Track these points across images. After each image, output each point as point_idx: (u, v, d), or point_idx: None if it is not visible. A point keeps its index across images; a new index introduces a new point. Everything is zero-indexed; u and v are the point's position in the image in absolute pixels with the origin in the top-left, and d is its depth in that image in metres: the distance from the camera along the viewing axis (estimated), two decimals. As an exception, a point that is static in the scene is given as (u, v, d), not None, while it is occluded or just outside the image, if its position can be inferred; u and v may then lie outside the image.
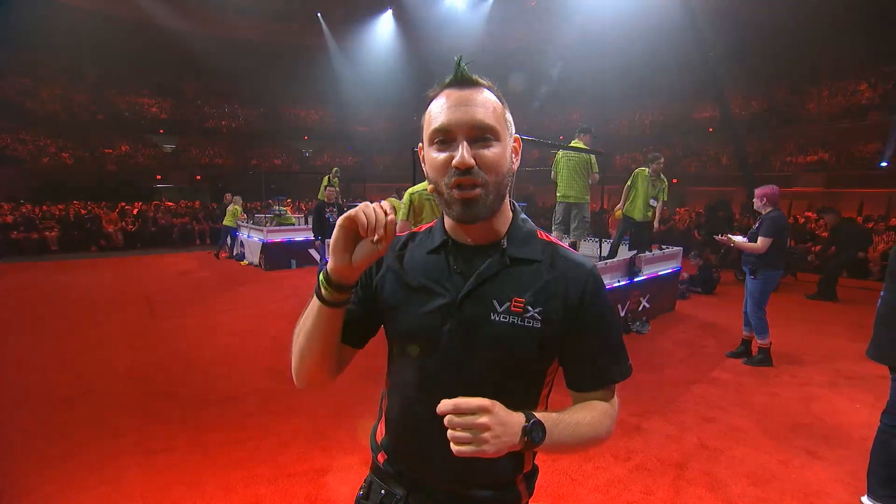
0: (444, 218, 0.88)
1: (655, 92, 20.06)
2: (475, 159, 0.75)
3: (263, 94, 23.41)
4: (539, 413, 0.76)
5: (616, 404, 0.88)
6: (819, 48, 16.33)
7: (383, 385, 0.97)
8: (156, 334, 4.97)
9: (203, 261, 10.15)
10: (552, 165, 5.37)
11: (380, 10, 21.66)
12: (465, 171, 0.75)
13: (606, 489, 2.42)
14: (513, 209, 0.88)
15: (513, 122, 0.84)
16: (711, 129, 18.38)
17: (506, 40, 21.45)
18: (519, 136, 0.87)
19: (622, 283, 5.11)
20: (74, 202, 14.27)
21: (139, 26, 18.95)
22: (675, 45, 14.99)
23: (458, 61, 0.78)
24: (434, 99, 0.80)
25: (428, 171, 0.81)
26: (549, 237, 0.89)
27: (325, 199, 6.41)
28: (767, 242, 3.94)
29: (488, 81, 0.80)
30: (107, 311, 5.89)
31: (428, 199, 3.29)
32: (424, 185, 3.36)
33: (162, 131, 21.65)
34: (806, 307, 6.55)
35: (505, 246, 0.84)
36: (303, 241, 9.14)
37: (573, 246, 5.08)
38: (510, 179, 0.82)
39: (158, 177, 20.34)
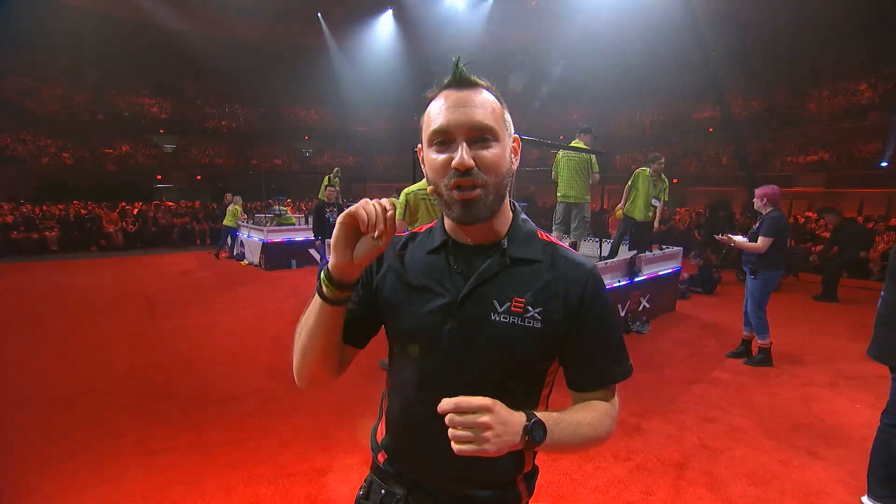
0: (445, 218, 0.87)
1: (655, 92, 20.07)
2: (474, 160, 0.75)
3: (263, 94, 23.41)
4: (540, 412, 0.76)
5: (616, 404, 0.88)
6: (819, 49, 16.33)
7: (383, 385, 0.97)
8: (156, 334, 4.97)
9: (203, 261, 10.15)
10: (552, 165, 5.38)
11: (380, 10, 21.65)
12: (464, 173, 0.74)
13: (606, 489, 2.42)
14: (513, 209, 0.88)
15: (512, 123, 0.84)
16: (711, 129, 18.38)
17: (506, 40, 21.45)
18: (518, 136, 0.87)
19: (622, 283, 5.11)
20: (74, 202, 14.26)
21: (139, 26, 18.96)
22: (676, 45, 15.01)
23: (457, 62, 0.78)
24: (433, 100, 0.79)
25: (427, 173, 0.81)
26: (550, 237, 0.89)
27: (326, 199, 6.41)
28: (768, 242, 3.94)
29: (487, 82, 0.80)
30: (107, 311, 5.89)
31: (423, 198, 3.30)
32: (420, 185, 3.38)
33: (162, 131, 21.66)
34: (807, 307, 6.55)
35: (505, 246, 0.83)
36: (303, 241, 9.14)
37: (573, 246, 5.08)
38: (510, 180, 0.82)
39: (159, 177, 20.34)
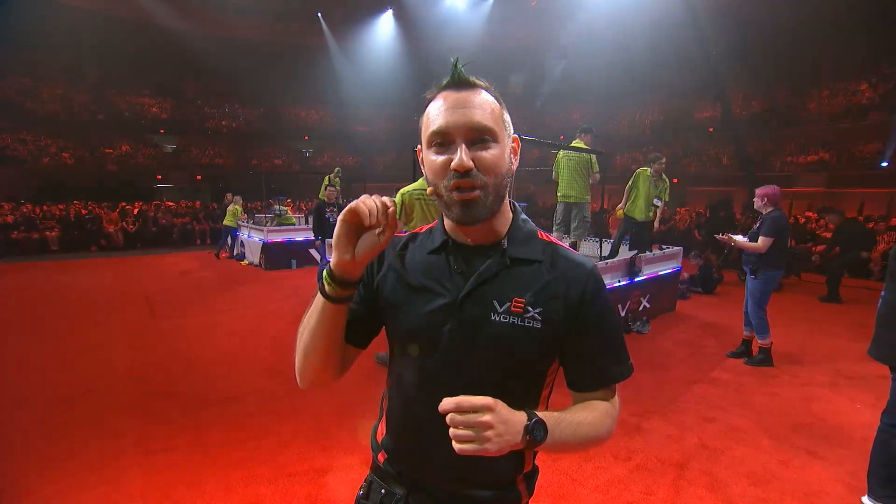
0: (445, 218, 0.87)
1: (656, 91, 20.06)
2: (474, 161, 0.75)
3: (263, 94, 23.42)
4: (541, 412, 0.76)
5: (617, 404, 0.88)
6: (820, 48, 16.33)
7: (384, 385, 0.97)
8: (156, 334, 4.97)
9: (203, 261, 10.15)
10: (553, 165, 5.38)
11: (380, 10, 21.66)
12: (463, 174, 0.74)
13: (607, 489, 2.42)
14: (513, 209, 0.88)
15: (511, 123, 0.84)
16: (712, 129, 18.38)
17: (506, 40, 21.45)
18: (518, 136, 0.87)
19: (623, 282, 5.11)
20: (75, 202, 14.26)
21: (139, 26, 18.98)
22: (676, 45, 15.01)
23: (455, 63, 0.78)
24: (431, 101, 0.79)
25: (427, 174, 0.81)
26: (550, 237, 0.89)
27: (326, 199, 6.41)
28: (768, 242, 3.94)
29: (485, 82, 0.80)
30: (107, 311, 5.89)
31: (418, 198, 3.29)
32: (415, 185, 3.38)
33: (162, 131, 21.66)
34: (808, 307, 6.54)
35: (505, 246, 0.83)
36: (303, 241, 9.14)
37: (573, 246, 5.08)
38: (509, 180, 0.82)
39: (159, 177, 20.34)
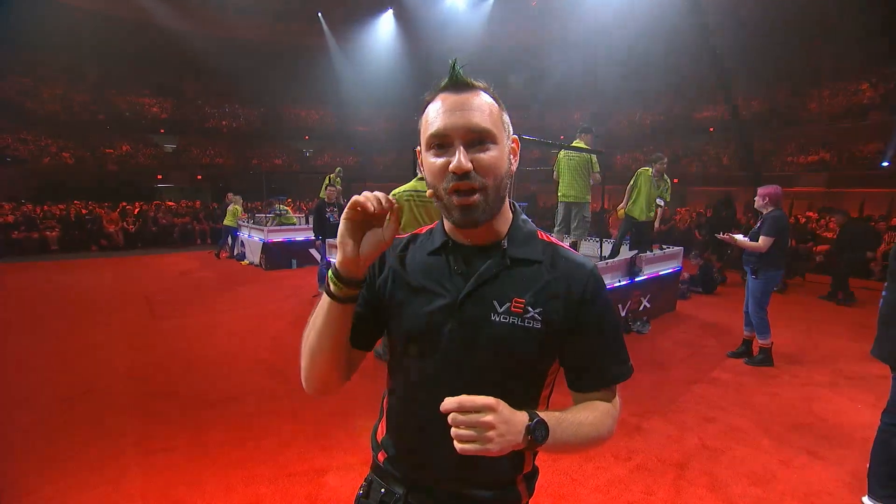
0: (445, 219, 0.87)
1: (656, 91, 20.02)
2: (472, 163, 0.74)
3: (264, 94, 23.41)
4: (542, 412, 0.76)
5: (617, 404, 0.88)
6: (820, 48, 16.31)
7: (384, 385, 0.97)
8: (156, 334, 4.97)
9: (204, 261, 10.15)
10: (553, 165, 5.38)
11: (380, 9, 21.67)
12: (462, 176, 0.74)
13: (607, 489, 2.42)
14: (513, 210, 0.88)
15: (510, 123, 0.83)
16: (712, 129, 18.36)
17: (506, 40, 21.46)
18: (517, 137, 0.87)
19: (623, 282, 5.11)
20: (75, 202, 14.26)
21: (139, 26, 18.98)
22: (676, 44, 15.00)
23: (453, 65, 0.78)
24: (430, 103, 0.79)
25: (426, 176, 0.80)
26: (550, 237, 0.89)
27: (326, 199, 6.41)
28: (769, 242, 3.94)
29: (484, 83, 0.80)
30: (107, 311, 5.89)
31: (408, 199, 3.27)
32: (405, 186, 3.37)
33: (162, 131, 21.67)
34: (808, 307, 6.53)
35: (505, 247, 0.83)
36: (303, 241, 9.13)
37: (574, 246, 5.08)
38: (509, 181, 0.81)
39: (159, 177, 20.34)
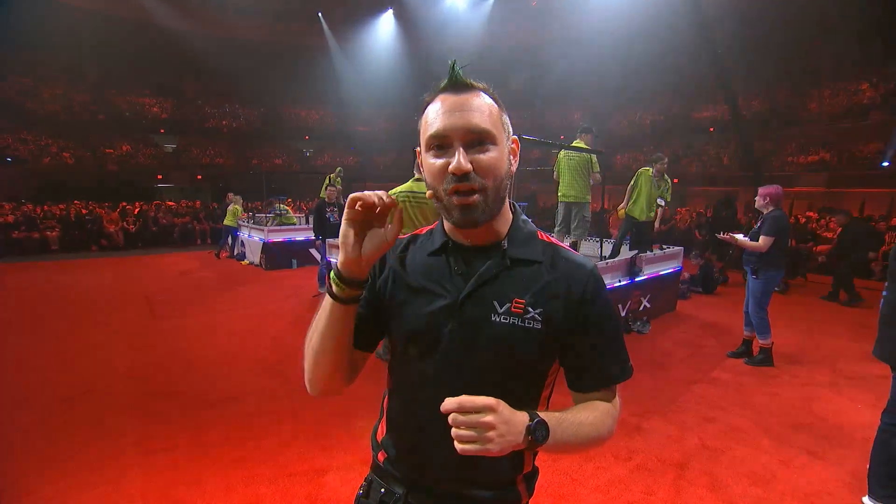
0: (445, 220, 0.87)
1: (656, 91, 20.03)
2: (472, 164, 0.74)
3: (264, 94, 23.43)
4: (542, 412, 0.76)
5: (617, 405, 0.88)
6: (820, 48, 16.30)
7: (384, 385, 0.97)
8: (156, 334, 4.97)
9: (204, 261, 10.15)
10: (553, 165, 5.38)
11: (380, 9, 21.68)
12: (462, 177, 0.74)
13: (607, 489, 2.41)
14: (513, 210, 0.88)
15: (510, 124, 0.83)
16: (712, 129, 18.35)
17: (506, 40, 21.47)
18: (518, 137, 0.86)
19: (623, 282, 5.11)
20: (75, 202, 14.25)
21: (139, 26, 19.00)
22: (676, 44, 15.01)
23: (452, 65, 0.78)
24: (430, 104, 0.79)
25: (426, 177, 0.80)
26: (550, 238, 0.89)
27: (327, 199, 6.40)
28: (769, 241, 3.93)
29: (484, 84, 0.80)
30: (107, 311, 5.89)
31: (404, 200, 3.27)
32: (401, 187, 3.37)
33: (162, 131, 21.68)
34: (810, 308, 6.52)
35: (505, 247, 0.83)
36: (304, 241, 9.12)
37: (574, 246, 5.08)
38: (509, 181, 0.81)
39: (159, 176, 20.35)
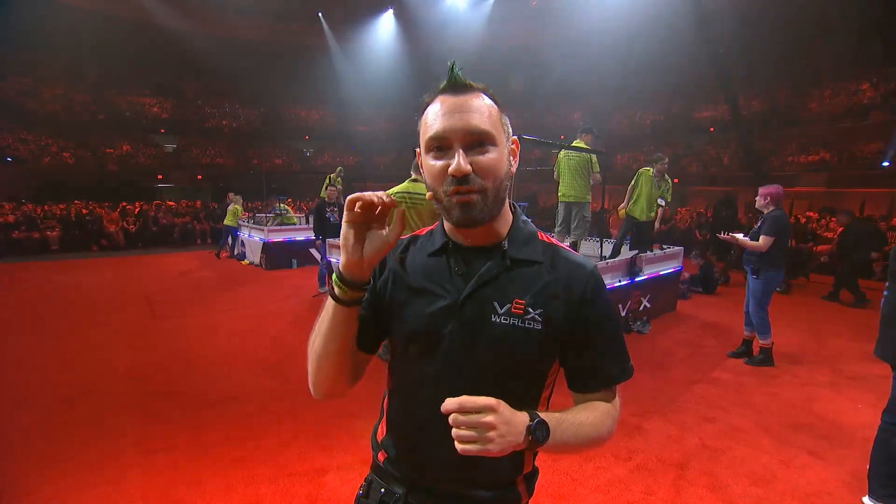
0: (445, 221, 0.87)
1: (656, 91, 20.02)
2: (472, 166, 0.74)
3: (264, 94, 23.42)
4: (542, 413, 0.76)
5: (617, 405, 0.88)
6: (821, 48, 16.29)
7: (384, 385, 0.97)
8: (156, 334, 4.97)
9: (204, 260, 10.15)
10: (554, 165, 5.38)
11: (380, 9, 21.67)
12: (461, 179, 0.74)
13: (607, 489, 2.41)
14: (513, 211, 0.88)
15: (510, 124, 0.83)
16: (712, 129, 18.35)
17: (506, 40, 21.45)
18: (518, 137, 0.86)
19: (623, 282, 5.11)
20: (76, 202, 14.24)
21: (139, 26, 19.00)
22: (676, 44, 15.00)
23: (452, 67, 0.77)
24: (429, 105, 0.79)
25: (426, 178, 0.80)
26: (550, 238, 0.89)
27: (327, 199, 6.40)
28: (769, 241, 3.93)
29: (483, 85, 0.80)
30: (107, 311, 5.89)
31: (400, 200, 3.27)
32: (398, 188, 3.37)
33: (163, 131, 21.69)
34: (811, 308, 6.51)
35: (505, 248, 0.83)
36: (304, 241, 9.11)
37: (574, 246, 5.08)
38: (509, 182, 0.81)
39: (159, 176, 20.35)
